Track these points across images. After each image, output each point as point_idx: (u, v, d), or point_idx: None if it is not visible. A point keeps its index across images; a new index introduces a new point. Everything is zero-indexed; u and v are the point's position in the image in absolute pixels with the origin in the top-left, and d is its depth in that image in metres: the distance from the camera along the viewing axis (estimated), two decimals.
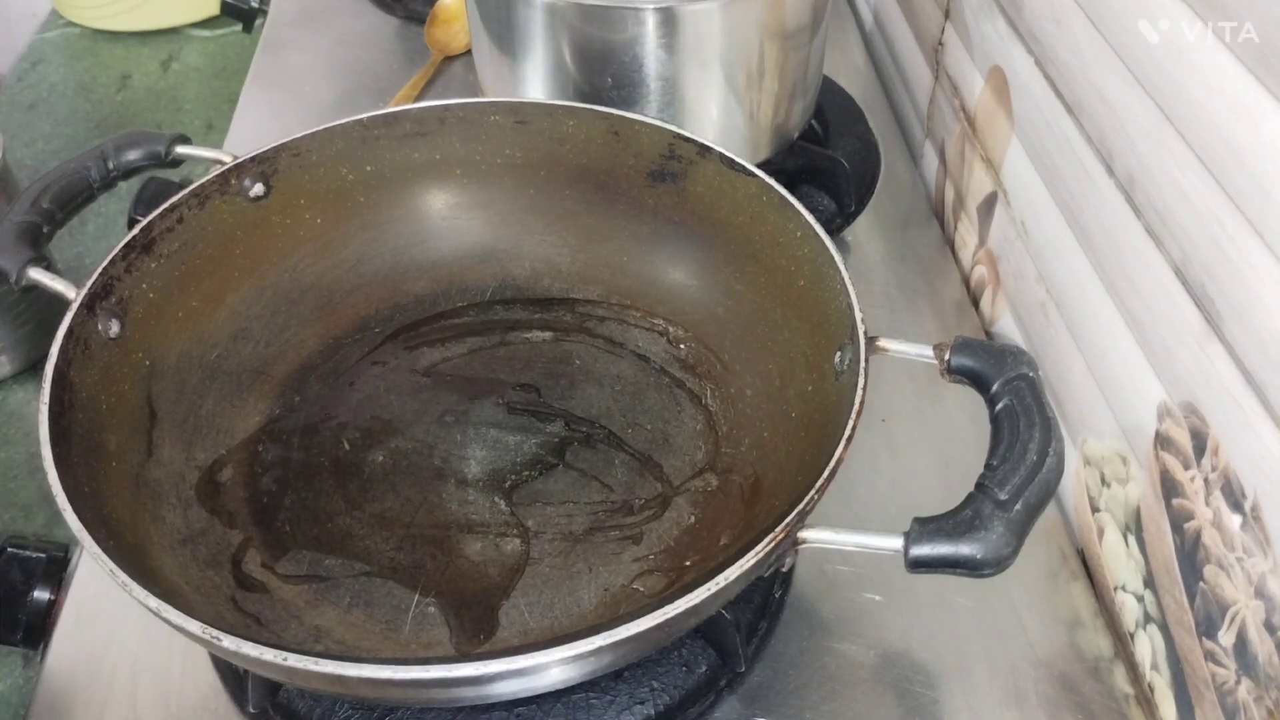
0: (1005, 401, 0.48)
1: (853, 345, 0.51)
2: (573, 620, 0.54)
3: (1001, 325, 0.73)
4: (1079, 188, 0.59)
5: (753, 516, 0.57)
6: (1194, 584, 0.49)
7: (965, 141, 0.77)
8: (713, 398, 0.64)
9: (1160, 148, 0.50)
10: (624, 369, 0.67)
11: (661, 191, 0.65)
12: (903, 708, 0.53)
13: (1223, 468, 0.47)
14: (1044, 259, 0.65)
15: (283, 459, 0.61)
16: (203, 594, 0.51)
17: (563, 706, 0.51)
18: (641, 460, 0.61)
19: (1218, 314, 0.46)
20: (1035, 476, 0.45)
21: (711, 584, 0.41)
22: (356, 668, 0.39)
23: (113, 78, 1.06)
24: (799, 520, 0.44)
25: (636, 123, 0.63)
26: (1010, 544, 0.44)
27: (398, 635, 0.53)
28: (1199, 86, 0.46)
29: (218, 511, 0.57)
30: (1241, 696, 0.46)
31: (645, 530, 0.58)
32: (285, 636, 0.52)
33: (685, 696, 0.52)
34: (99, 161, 0.60)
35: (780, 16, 0.71)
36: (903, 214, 0.82)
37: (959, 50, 0.78)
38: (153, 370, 0.57)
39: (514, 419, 0.64)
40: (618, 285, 0.69)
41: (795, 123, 0.80)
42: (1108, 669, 0.55)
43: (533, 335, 0.69)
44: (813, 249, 0.57)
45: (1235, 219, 0.44)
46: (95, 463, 0.50)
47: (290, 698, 0.52)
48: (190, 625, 0.40)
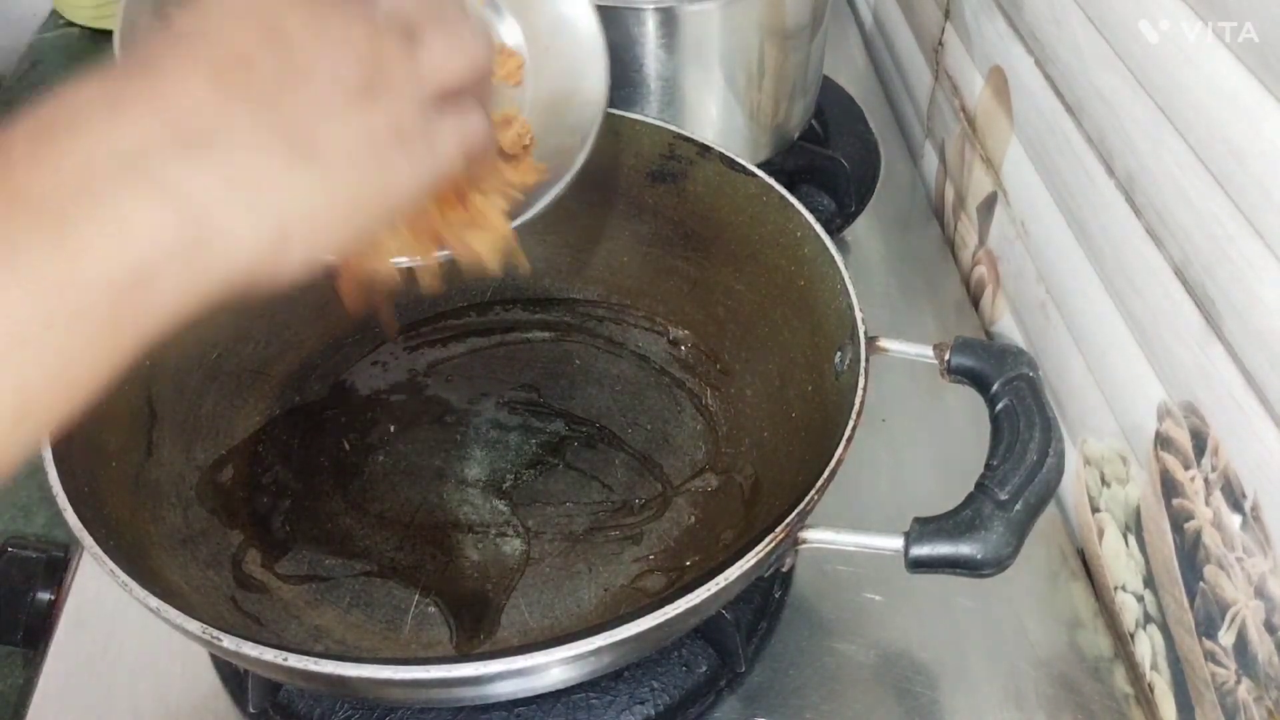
0: (1005, 401, 0.48)
1: (853, 345, 0.51)
2: (573, 620, 0.54)
3: (1001, 325, 0.73)
4: (1079, 188, 0.59)
5: (753, 516, 0.57)
6: (1194, 584, 0.49)
7: (965, 141, 0.77)
8: (713, 398, 0.64)
9: (1160, 148, 0.50)
10: (624, 369, 0.67)
11: (661, 191, 0.65)
12: (903, 708, 0.53)
13: (1223, 468, 0.47)
14: (1044, 259, 0.65)
15: (283, 459, 0.61)
16: (203, 594, 0.51)
17: (563, 706, 0.51)
18: (641, 460, 0.61)
19: (1218, 314, 0.46)
20: (1035, 476, 0.45)
21: (712, 584, 0.41)
22: (356, 668, 0.39)
23: None
24: (799, 520, 0.44)
25: (636, 123, 0.63)
26: (1010, 544, 0.44)
27: (398, 635, 0.53)
28: (1199, 86, 0.46)
29: (218, 511, 0.57)
30: (1241, 696, 0.46)
31: (645, 530, 0.58)
32: (285, 636, 0.52)
33: (685, 696, 0.52)
34: None
35: (780, 16, 0.71)
36: (903, 214, 0.82)
37: (959, 50, 0.78)
38: (153, 370, 0.57)
39: (514, 419, 0.64)
40: (618, 285, 0.69)
41: (795, 123, 0.80)
42: (1108, 669, 0.55)
43: (533, 335, 0.69)
44: (813, 249, 0.57)
45: (1235, 219, 0.44)
46: (95, 463, 0.50)
47: (290, 698, 0.52)
48: (190, 625, 0.40)
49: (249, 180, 0.30)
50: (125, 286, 0.28)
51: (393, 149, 0.33)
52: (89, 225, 0.27)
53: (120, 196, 0.28)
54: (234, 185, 0.30)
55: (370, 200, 0.34)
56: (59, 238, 0.27)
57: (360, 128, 0.32)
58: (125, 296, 0.28)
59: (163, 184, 0.29)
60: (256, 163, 0.30)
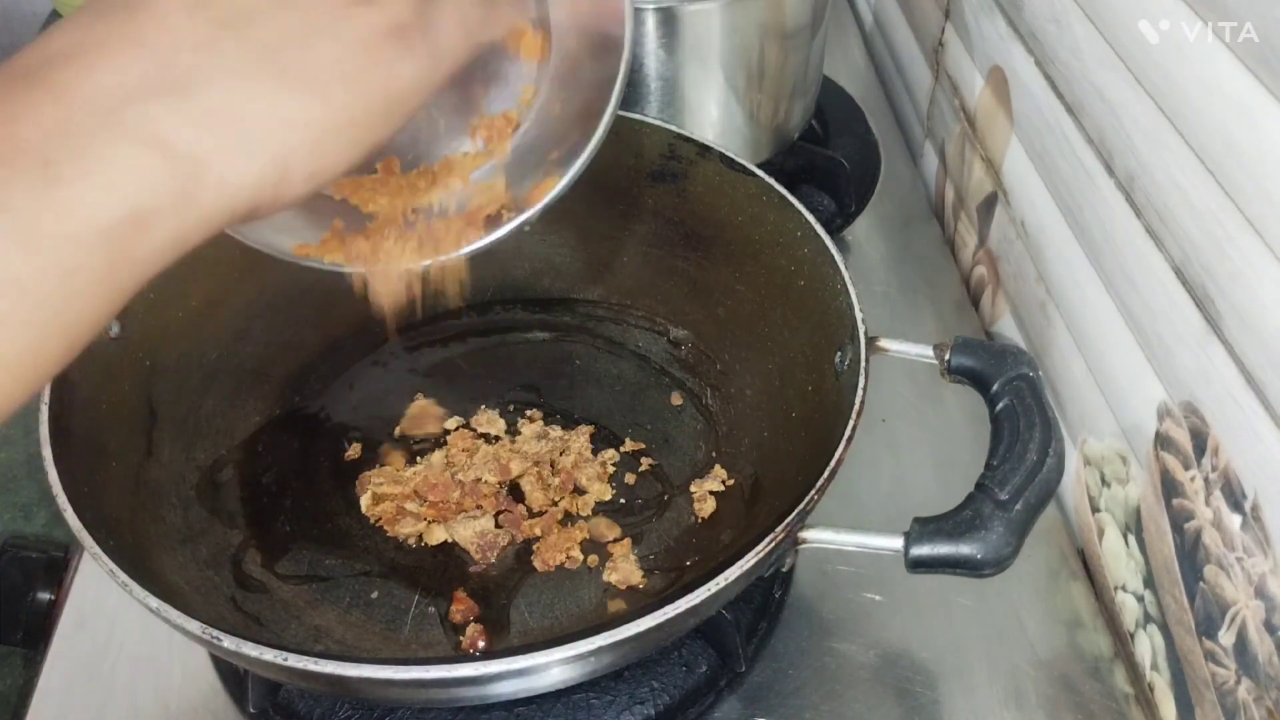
0: (1005, 401, 0.48)
1: (853, 345, 0.51)
2: (573, 620, 0.54)
3: (1001, 325, 0.73)
4: (1079, 188, 0.59)
5: (753, 516, 0.57)
6: (1194, 584, 0.49)
7: (965, 141, 0.77)
8: (713, 398, 0.64)
9: (1160, 148, 0.50)
10: (624, 369, 0.67)
11: (661, 191, 0.65)
12: (903, 708, 0.53)
13: (1223, 468, 0.47)
14: (1044, 259, 0.65)
15: (283, 459, 0.61)
16: (203, 594, 0.51)
17: (563, 706, 0.51)
18: (641, 460, 0.61)
19: (1218, 314, 0.46)
20: (1035, 476, 0.45)
21: (712, 584, 0.41)
22: (356, 668, 0.39)
23: None
24: (799, 520, 0.44)
25: (636, 123, 0.63)
26: (1010, 544, 0.44)
27: (398, 635, 0.53)
28: (1199, 86, 0.46)
29: (218, 511, 0.57)
30: (1241, 696, 0.46)
31: (645, 530, 0.58)
32: (285, 636, 0.52)
33: (685, 696, 0.52)
34: None
35: (780, 16, 0.71)
36: (903, 214, 0.82)
37: (959, 50, 0.78)
38: (153, 370, 0.57)
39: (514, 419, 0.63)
40: (618, 285, 0.69)
41: (795, 123, 0.80)
42: (1108, 669, 0.55)
43: (533, 335, 0.69)
44: (813, 249, 0.57)
45: (1235, 219, 0.44)
46: (95, 463, 0.50)
47: (290, 698, 0.52)
48: (190, 625, 0.40)
49: (238, 115, 0.29)
50: (118, 234, 0.27)
51: (392, 49, 0.32)
52: (75, 176, 0.27)
53: (104, 146, 0.27)
54: (222, 124, 0.29)
55: (375, 110, 0.32)
56: (46, 190, 0.26)
57: (354, 37, 0.31)
58: (120, 244, 0.28)
59: (146, 131, 0.28)
60: (245, 96, 0.29)
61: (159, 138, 0.28)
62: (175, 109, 0.28)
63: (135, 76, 0.28)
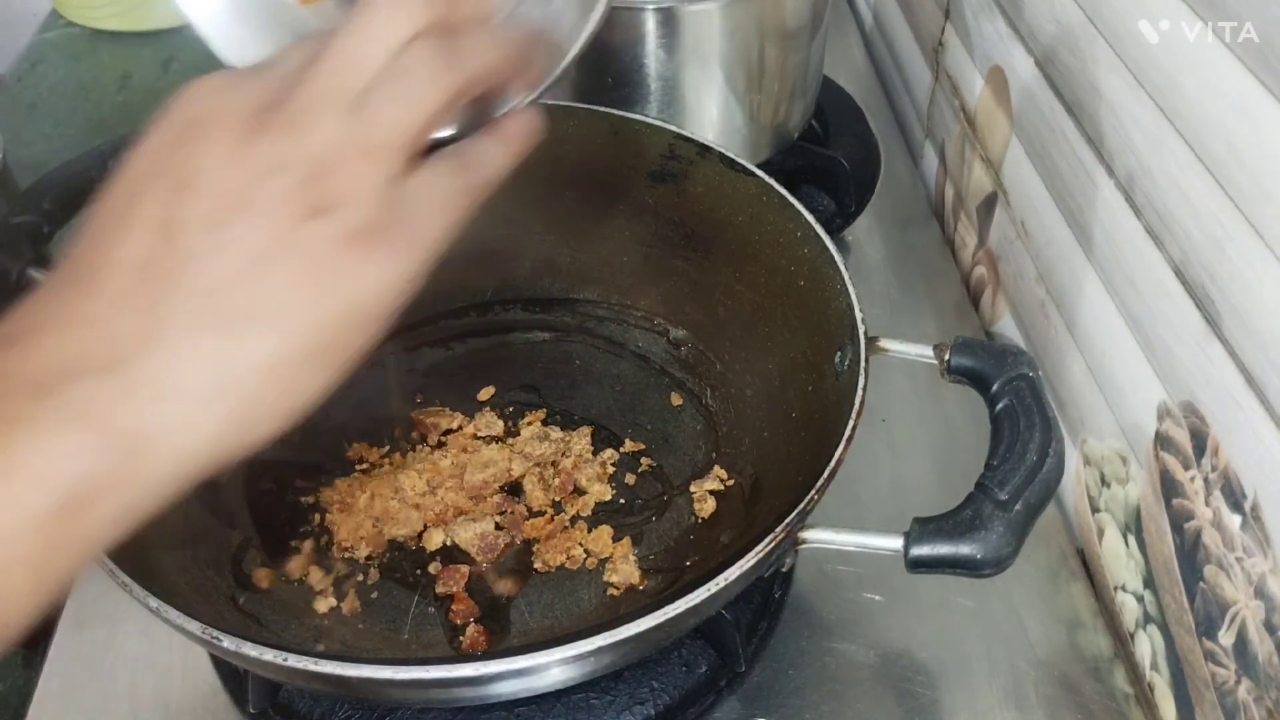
0: (1005, 401, 0.48)
1: (853, 345, 0.51)
2: (573, 620, 0.54)
3: (1001, 325, 0.73)
4: (1079, 188, 0.59)
5: (753, 516, 0.57)
6: (1194, 584, 0.49)
7: (965, 141, 0.77)
8: (713, 398, 0.64)
9: (1160, 148, 0.50)
10: (624, 369, 0.67)
11: (661, 191, 0.65)
12: (903, 708, 0.53)
13: (1223, 468, 0.47)
14: (1044, 259, 0.65)
15: (283, 459, 0.61)
16: (203, 594, 0.51)
17: (563, 706, 0.51)
18: (641, 460, 0.61)
19: (1218, 314, 0.46)
20: (1035, 476, 0.45)
21: (711, 584, 0.41)
22: (356, 668, 0.39)
23: (113, 78, 1.06)
24: (799, 520, 0.44)
25: (636, 123, 0.63)
26: (1010, 544, 0.44)
27: (398, 635, 0.53)
28: (1199, 86, 0.46)
29: (218, 511, 0.57)
30: (1241, 696, 0.46)
31: (645, 530, 0.58)
32: (285, 636, 0.52)
33: (685, 696, 0.52)
34: (99, 161, 0.60)
35: (780, 16, 0.71)
36: (903, 214, 0.82)
37: (959, 50, 0.78)
38: None
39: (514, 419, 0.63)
40: (618, 285, 0.69)
41: (795, 123, 0.80)
42: (1108, 669, 0.55)
43: (533, 335, 0.69)
44: (813, 249, 0.57)
45: (1235, 219, 0.44)
46: None
47: (290, 698, 0.52)
48: (190, 625, 0.40)
49: (180, 379, 0.28)
50: (53, 522, 0.26)
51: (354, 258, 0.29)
52: (8, 457, 0.26)
53: (36, 433, 0.26)
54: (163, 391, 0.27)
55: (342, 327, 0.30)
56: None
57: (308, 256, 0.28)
58: (56, 530, 0.26)
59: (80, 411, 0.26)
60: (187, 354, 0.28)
61: (94, 416, 0.27)
62: (109, 384, 0.27)
63: (74, 355, 0.27)
